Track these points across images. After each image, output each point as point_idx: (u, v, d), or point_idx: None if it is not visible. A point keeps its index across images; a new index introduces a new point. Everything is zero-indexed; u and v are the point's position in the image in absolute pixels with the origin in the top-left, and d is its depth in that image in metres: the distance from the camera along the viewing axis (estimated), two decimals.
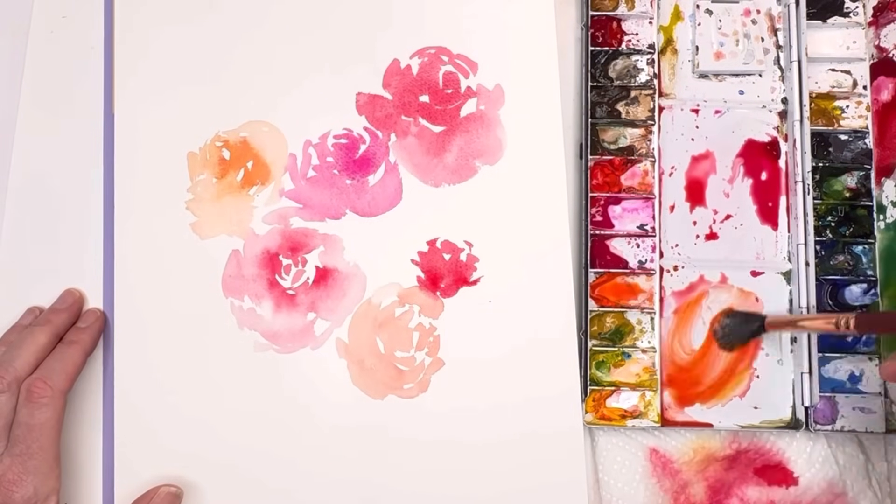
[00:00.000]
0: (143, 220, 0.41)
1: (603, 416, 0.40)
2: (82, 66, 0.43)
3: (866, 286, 0.41)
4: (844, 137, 0.42)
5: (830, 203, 0.42)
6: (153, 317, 0.41)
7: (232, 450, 0.40)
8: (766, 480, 0.41)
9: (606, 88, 0.43)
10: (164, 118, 0.42)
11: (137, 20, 0.43)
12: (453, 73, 0.42)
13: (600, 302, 0.41)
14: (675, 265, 0.42)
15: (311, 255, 0.41)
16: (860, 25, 0.43)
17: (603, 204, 0.42)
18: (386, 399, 0.40)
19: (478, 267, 0.41)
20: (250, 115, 0.42)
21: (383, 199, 0.42)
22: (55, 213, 0.42)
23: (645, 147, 0.42)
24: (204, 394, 0.40)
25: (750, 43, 0.43)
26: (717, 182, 0.42)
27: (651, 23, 0.43)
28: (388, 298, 0.41)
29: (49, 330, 0.38)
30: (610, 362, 0.41)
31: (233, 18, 0.43)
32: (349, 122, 0.42)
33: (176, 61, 0.43)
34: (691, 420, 0.41)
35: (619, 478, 0.41)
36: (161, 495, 0.38)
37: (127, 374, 0.40)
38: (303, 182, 0.42)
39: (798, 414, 0.40)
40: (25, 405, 0.36)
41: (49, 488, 0.36)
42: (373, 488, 0.40)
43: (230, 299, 0.41)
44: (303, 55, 0.43)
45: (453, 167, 0.42)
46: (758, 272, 0.42)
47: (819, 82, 0.43)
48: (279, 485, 0.40)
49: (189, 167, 0.42)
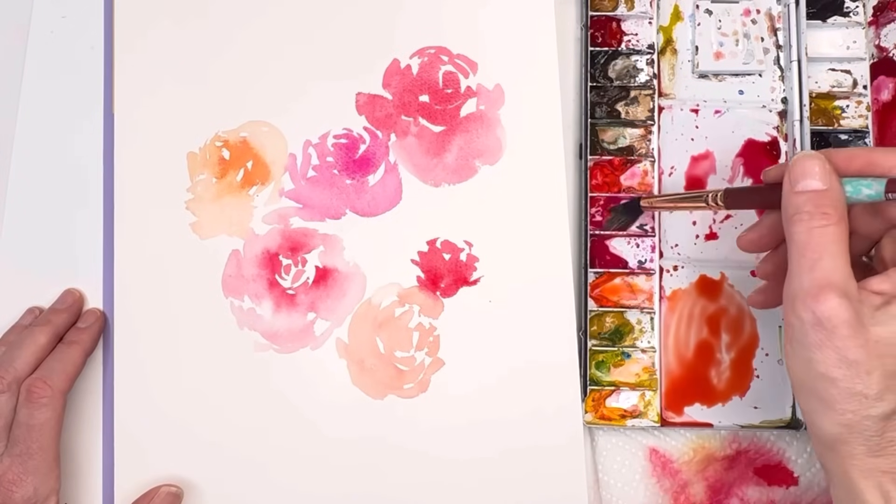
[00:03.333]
0: (143, 220, 0.41)
1: (603, 415, 0.40)
2: (82, 66, 0.43)
3: None
4: (844, 137, 0.42)
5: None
6: (153, 317, 0.41)
7: (232, 449, 0.40)
8: (766, 480, 0.41)
9: (606, 88, 0.43)
10: (164, 118, 0.42)
11: (137, 20, 0.43)
12: (453, 73, 0.42)
13: (600, 302, 0.41)
14: (675, 265, 0.42)
15: (311, 255, 0.41)
16: (860, 25, 0.43)
17: (603, 204, 0.42)
18: (386, 399, 0.40)
19: (478, 267, 0.41)
20: (250, 115, 0.42)
21: (383, 199, 0.42)
22: (55, 213, 0.42)
23: (645, 147, 0.42)
24: (204, 394, 0.40)
25: (750, 43, 0.43)
26: (716, 182, 0.42)
27: (651, 23, 0.43)
28: (388, 298, 0.41)
29: (49, 330, 0.38)
30: (610, 362, 0.41)
31: (233, 18, 0.43)
32: (349, 122, 0.42)
33: (176, 61, 0.43)
34: (691, 420, 0.41)
35: (619, 478, 0.41)
36: (161, 495, 0.38)
37: (127, 375, 0.40)
38: (303, 182, 0.42)
39: (798, 414, 0.40)
40: (25, 405, 0.36)
41: (49, 488, 0.36)
42: (372, 488, 0.40)
43: (230, 299, 0.41)
44: (303, 55, 0.43)
45: (453, 167, 0.42)
46: None
47: (819, 82, 0.43)
48: (279, 484, 0.40)
49: (189, 167, 0.42)
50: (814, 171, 0.30)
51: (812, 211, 0.30)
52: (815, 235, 0.30)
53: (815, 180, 0.30)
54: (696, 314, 0.41)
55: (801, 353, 0.30)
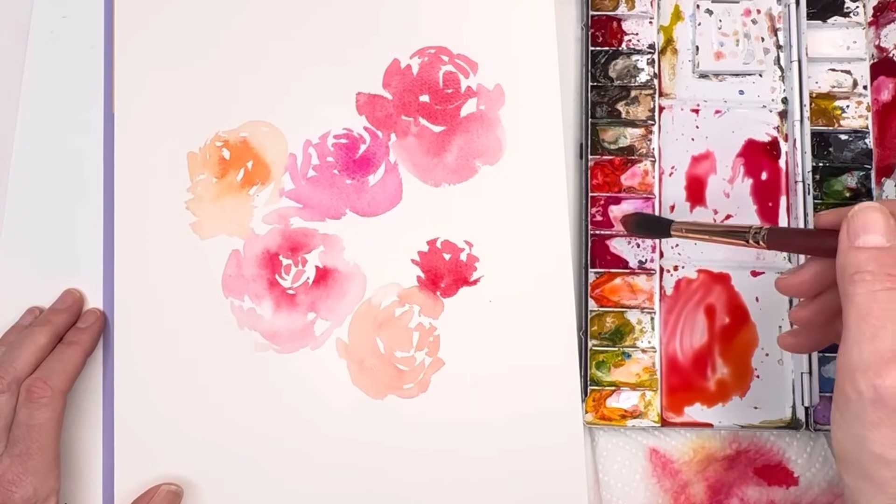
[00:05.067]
0: (143, 220, 0.41)
1: (603, 416, 0.40)
2: (82, 66, 0.43)
3: None
4: (844, 137, 0.42)
5: (831, 203, 0.42)
6: (153, 317, 0.41)
7: (231, 449, 0.40)
8: (767, 480, 0.41)
9: (606, 88, 0.43)
10: (164, 118, 0.42)
11: (137, 20, 0.43)
12: (453, 73, 0.42)
13: (600, 302, 0.41)
14: (675, 265, 0.42)
15: (311, 255, 0.41)
16: (860, 25, 0.43)
17: (603, 204, 0.42)
18: (386, 399, 0.40)
19: (478, 267, 0.41)
20: (250, 114, 0.42)
21: (383, 199, 0.42)
22: (55, 213, 0.42)
23: (645, 147, 0.42)
24: (204, 394, 0.40)
25: (750, 43, 0.43)
26: (717, 182, 0.42)
27: (651, 23, 0.43)
28: (388, 298, 0.41)
29: (49, 330, 0.38)
30: (610, 362, 0.41)
31: (233, 18, 0.43)
32: (349, 121, 0.42)
33: (176, 61, 0.43)
34: (691, 420, 0.41)
35: (619, 478, 0.41)
36: (161, 494, 0.38)
37: (126, 375, 0.40)
38: (303, 182, 0.42)
39: (798, 414, 0.40)
40: (25, 405, 0.36)
41: (48, 488, 0.36)
42: (372, 488, 0.40)
43: (230, 299, 0.41)
44: (303, 55, 0.43)
45: (453, 167, 0.42)
46: (758, 272, 0.42)
47: (819, 82, 0.43)
48: (278, 484, 0.40)
49: (189, 167, 0.42)
50: (877, 225, 0.27)
51: (875, 271, 0.27)
52: (879, 300, 0.27)
53: (879, 236, 0.27)
54: (697, 314, 0.41)
55: (856, 428, 0.27)
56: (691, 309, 0.41)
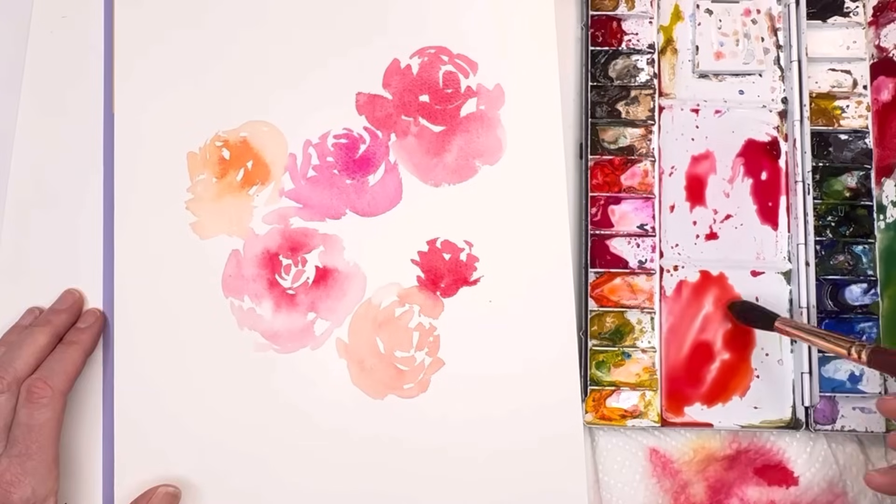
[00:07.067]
0: (143, 220, 0.41)
1: (603, 415, 0.40)
2: (82, 66, 0.43)
3: (866, 286, 0.41)
4: (844, 137, 0.42)
5: (830, 203, 0.42)
6: (153, 317, 0.41)
7: (231, 449, 0.40)
8: (767, 480, 0.41)
9: (606, 88, 0.43)
10: (164, 118, 0.42)
11: (137, 20, 0.43)
12: (453, 73, 0.42)
13: (600, 302, 0.41)
14: (676, 265, 0.42)
15: (311, 255, 0.41)
16: (860, 25, 0.43)
17: (603, 204, 0.42)
18: (386, 399, 0.40)
19: (478, 267, 0.41)
20: (250, 114, 0.42)
21: (383, 199, 0.42)
22: (55, 213, 0.42)
23: (645, 147, 0.42)
24: (203, 394, 0.40)
25: (750, 43, 0.43)
26: (717, 182, 0.42)
27: (651, 22, 0.43)
28: (388, 298, 0.41)
29: (49, 330, 0.38)
30: (610, 362, 0.41)
31: (233, 18, 0.43)
32: (349, 121, 0.42)
33: (176, 61, 0.43)
34: (691, 420, 0.41)
35: (619, 478, 0.41)
36: (159, 495, 0.38)
37: (126, 375, 0.40)
38: (303, 182, 0.42)
39: (798, 414, 0.40)
40: (25, 405, 0.36)
41: (47, 489, 0.36)
42: (372, 488, 0.40)
43: (230, 299, 0.41)
44: (303, 55, 0.43)
45: (453, 167, 0.42)
46: (758, 272, 0.42)
47: (819, 82, 0.43)
48: (278, 484, 0.40)
49: (189, 167, 0.42)
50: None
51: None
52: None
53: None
54: (697, 314, 0.41)
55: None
56: (691, 309, 0.41)
